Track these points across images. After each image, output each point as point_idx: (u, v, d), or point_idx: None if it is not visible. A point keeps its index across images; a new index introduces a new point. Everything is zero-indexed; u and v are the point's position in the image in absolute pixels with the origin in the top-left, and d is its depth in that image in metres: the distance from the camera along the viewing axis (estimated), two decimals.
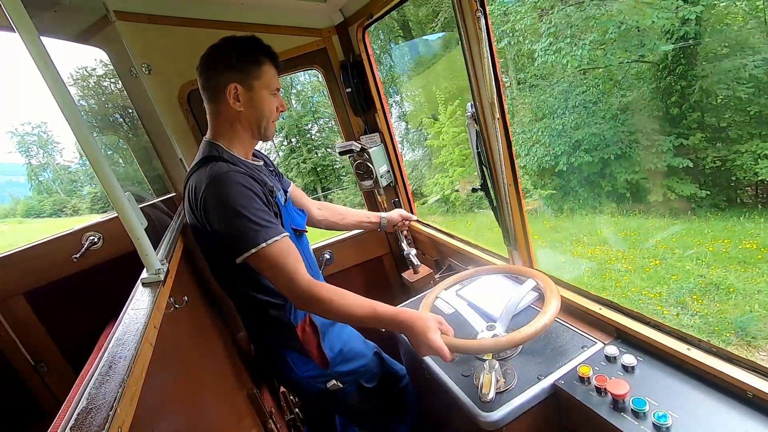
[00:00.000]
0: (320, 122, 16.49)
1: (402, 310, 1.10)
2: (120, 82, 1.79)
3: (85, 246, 1.77)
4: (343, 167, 15.39)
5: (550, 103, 9.36)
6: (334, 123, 16.17)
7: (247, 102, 1.21)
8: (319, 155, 16.30)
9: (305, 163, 16.22)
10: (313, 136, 16.76)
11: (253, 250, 1.06)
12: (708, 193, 7.78)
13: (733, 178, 7.63)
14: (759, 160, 7.16)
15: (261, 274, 1.13)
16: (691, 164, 7.67)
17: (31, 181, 28.87)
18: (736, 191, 7.93)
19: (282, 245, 1.09)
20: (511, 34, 9.74)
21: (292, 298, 1.12)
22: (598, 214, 8.64)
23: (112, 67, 1.77)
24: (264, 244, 1.06)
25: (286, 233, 1.12)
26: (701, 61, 7.74)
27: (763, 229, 6.52)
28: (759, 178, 7.25)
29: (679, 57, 7.84)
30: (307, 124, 16.54)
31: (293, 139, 16.45)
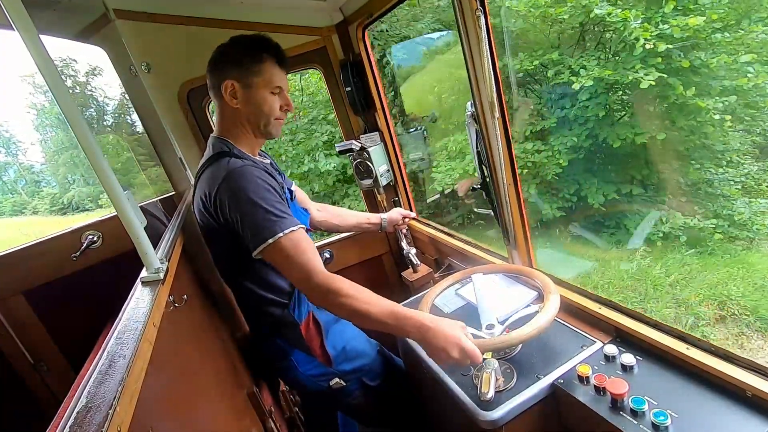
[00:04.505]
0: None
1: (423, 313, 1.03)
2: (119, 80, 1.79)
3: (85, 245, 1.77)
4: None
5: None
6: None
7: (245, 100, 1.20)
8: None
9: None
10: None
11: (271, 240, 1.05)
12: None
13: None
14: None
15: (275, 268, 1.11)
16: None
17: None
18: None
19: (299, 236, 1.08)
20: None
21: (307, 290, 1.08)
22: None
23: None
24: (281, 234, 1.05)
25: (302, 225, 1.11)
26: None
27: None
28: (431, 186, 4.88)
29: None
30: None
31: None
